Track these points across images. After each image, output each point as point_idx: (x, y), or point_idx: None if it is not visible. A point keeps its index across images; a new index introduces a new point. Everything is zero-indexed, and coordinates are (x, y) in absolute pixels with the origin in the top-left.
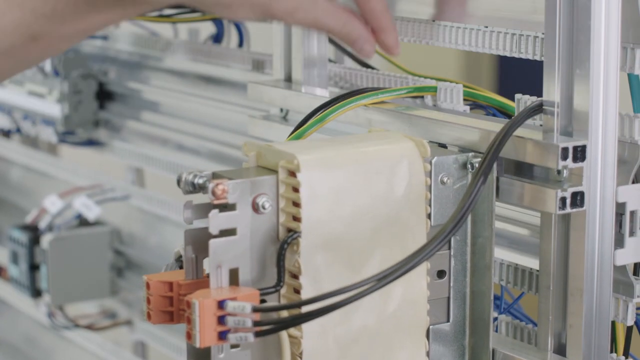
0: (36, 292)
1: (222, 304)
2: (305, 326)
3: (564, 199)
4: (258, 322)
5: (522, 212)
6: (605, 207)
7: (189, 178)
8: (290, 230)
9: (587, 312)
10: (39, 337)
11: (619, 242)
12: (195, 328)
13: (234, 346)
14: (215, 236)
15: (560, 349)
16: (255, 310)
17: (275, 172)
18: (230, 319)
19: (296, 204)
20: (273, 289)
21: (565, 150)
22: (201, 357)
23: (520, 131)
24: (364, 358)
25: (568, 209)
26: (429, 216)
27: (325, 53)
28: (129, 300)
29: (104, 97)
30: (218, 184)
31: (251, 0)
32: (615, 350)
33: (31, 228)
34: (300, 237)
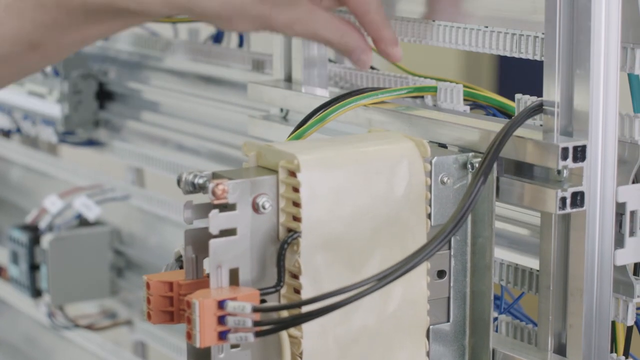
0: (36, 292)
1: (222, 304)
2: (305, 326)
3: (564, 199)
4: (258, 322)
5: (522, 212)
6: (605, 207)
7: (189, 178)
8: (290, 230)
9: (587, 312)
10: (39, 337)
11: (619, 242)
12: (195, 328)
13: (234, 346)
14: (215, 236)
15: (560, 349)
16: (255, 310)
17: (275, 172)
18: (230, 319)
19: (296, 204)
20: (273, 289)
21: (565, 150)
22: (201, 357)
23: (520, 131)
24: (364, 358)
25: (568, 209)
26: (429, 216)
27: (325, 53)
28: (129, 300)
29: (104, 97)
30: (218, 184)
31: (251, 14)
32: (615, 350)
33: (31, 228)
34: (300, 237)
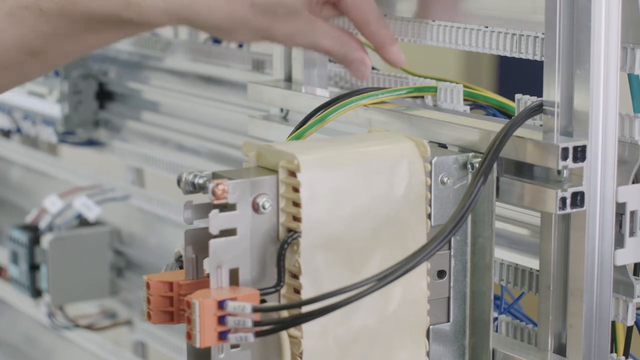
0: (36, 292)
1: (222, 304)
2: (305, 326)
3: (564, 199)
4: (258, 322)
5: (522, 212)
6: (605, 207)
7: (189, 178)
8: (290, 230)
9: (587, 312)
10: (39, 337)
11: (619, 242)
12: (195, 328)
13: (234, 346)
14: (215, 236)
15: (560, 349)
16: (256, 311)
17: (275, 172)
18: (230, 319)
19: (296, 204)
20: (273, 289)
21: (565, 150)
22: (201, 357)
23: (520, 131)
24: (364, 358)
25: (568, 209)
26: (429, 216)
27: None
28: (129, 300)
29: (104, 97)
30: (218, 184)
31: (252, 26)
32: (615, 351)
33: (31, 228)
34: (300, 237)
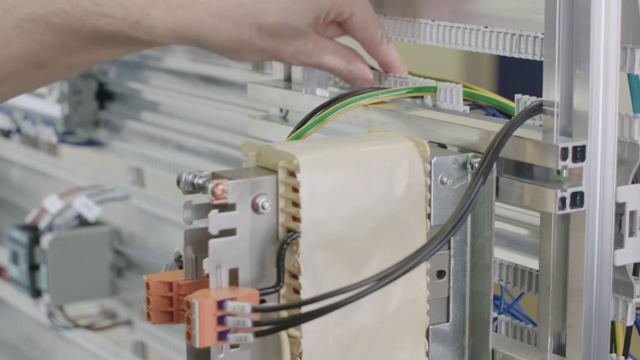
0: (36, 292)
1: (221, 304)
2: (305, 326)
3: (563, 199)
4: (258, 322)
5: (522, 212)
6: (604, 207)
7: (189, 178)
8: (290, 230)
9: (587, 312)
10: (39, 337)
11: (618, 242)
12: (195, 328)
13: (234, 346)
14: (215, 236)
15: (560, 349)
16: (255, 311)
17: (275, 172)
18: (230, 319)
19: (296, 204)
20: (273, 289)
21: (565, 150)
22: (201, 357)
23: (520, 131)
24: (364, 358)
25: (568, 209)
26: (429, 216)
27: None
28: (129, 300)
29: (104, 97)
30: (218, 184)
31: (258, 47)
32: (615, 351)
33: (31, 228)
34: (300, 237)
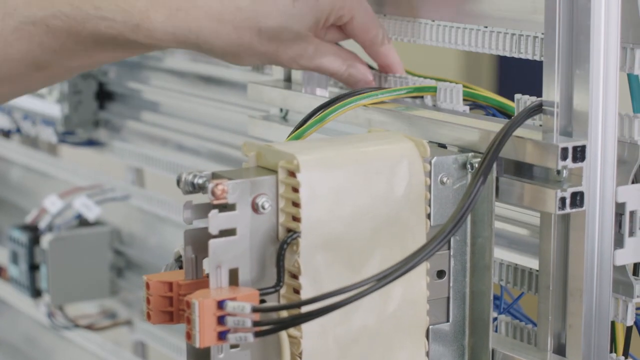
0: (36, 292)
1: (221, 304)
2: (305, 326)
3: (563, 199)
4: (258, 322)
5: (522, 212)
6: (604, 207)
7: (189, 178)
8: (290, 230)
9: (587, 312)
10: (39, 337)
11: (618, 242)
12: (195, 328)
13: (234, 346)
14: (215, 236)
15: (560, 349)
16: (255, 311)
17: (275, 172)
18: (230, 319)
19: (296, 204)
20: (273, 289)
21: (564, 150)
22: (201, 357)
23: (520, 131)
24: (364, 358)
25: (568, 209)
26: (429, 216)
27: None
28: (129, 300)
29: (104, 97)
30: (218, 184)
31: (258, 51)
32: (614, 351)
33: (31, 228)
34: (299, 237)
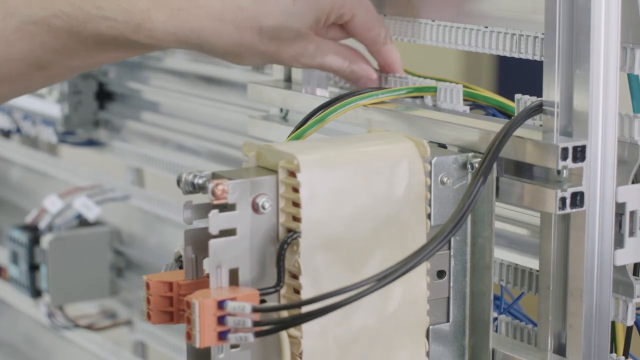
0: (36, 292)
1: (222, 304)
2: (305, 326)
3: (563, 199)
4: (258, 322)
5: (522, 212)
6: (605, 207)
7: (189, 178)
8: (290, 230)
9: (587, 312)
10: (39, 337)
11: (618, 242)
12: (195, 328)
13: (234, 346)
14: (215, 236)
15: (560, 349)
16: (255, 311)
17: (275, 172)
18: (230, 319)
19: (296, 204)
20: (273, 289)
21: (565, 150)
22: (201, 357)
23: (520, 131)
24: (364, 358)
25: (568, 209)
26: (429, 216)
27: None
28: (129, 300)
29: (104, 97)
30: (218, 184)
31: (259, 50)
32: (615, 351)
33: (31, 228)
34: (300, 237)
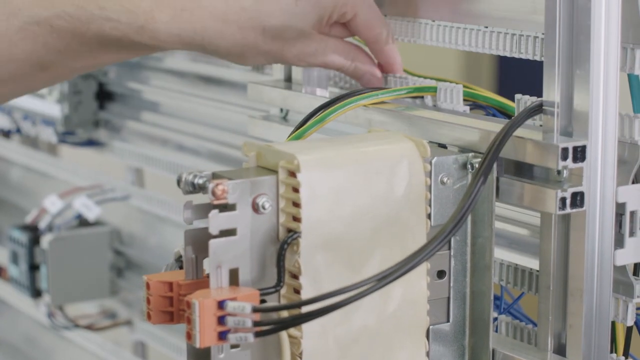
0: (36, 292)
1: (222, 304)
2: (305, 326)
3: (564, 199)
4: (258, 322)
5: (522, 212)
6: (605, 208)
7: (189, 178)
8: (290, 230)
9: (587, 312)
10: (39, 337)
11: (618, 242)
12: (195, 328)
13: (234, 346)
14: (215, 236)
15: (560, 349)
16: (255, 311)
17: (275, 172)
18: (230, 319)
19: (296, 204)
20: (273, 289)
21: (565, 150)
22: (201, 357)
23: (520, 131)
24: (364, 358)
25: (568, 209)
26: (429, 216)
27: None
28: (129, 300)
29: (104, 97)
30: (218, 184)
31: (263, 50)
32: (615, 351)
33: (31, 228)
34: (300, 237)
